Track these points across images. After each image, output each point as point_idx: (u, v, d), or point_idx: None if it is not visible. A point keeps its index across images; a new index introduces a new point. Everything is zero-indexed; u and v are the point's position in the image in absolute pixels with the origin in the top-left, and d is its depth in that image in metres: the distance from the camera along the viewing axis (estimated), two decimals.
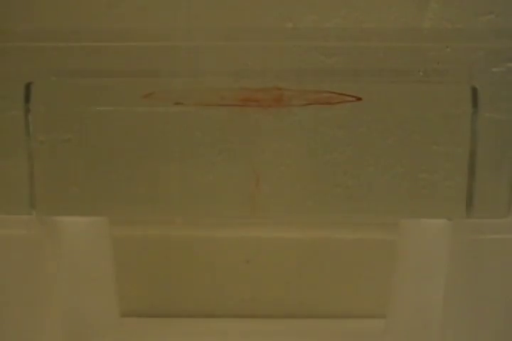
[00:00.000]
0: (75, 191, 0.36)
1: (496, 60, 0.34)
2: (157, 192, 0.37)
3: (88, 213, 0.38)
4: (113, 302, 0.45)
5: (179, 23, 0.51)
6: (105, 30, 0.33)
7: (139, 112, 0.36)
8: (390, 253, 0.46)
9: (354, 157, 0.36)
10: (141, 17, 0.47)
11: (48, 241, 0.36)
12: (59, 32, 0.35)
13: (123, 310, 0.46)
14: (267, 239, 0.53)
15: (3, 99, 0.36)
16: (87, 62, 0.35)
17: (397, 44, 0.34)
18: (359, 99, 0.35)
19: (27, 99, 0.35)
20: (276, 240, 0.53)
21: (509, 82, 0.35)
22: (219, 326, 0.50)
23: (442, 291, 0.36)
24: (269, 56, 0.35)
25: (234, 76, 0.35)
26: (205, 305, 0.53)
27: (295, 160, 0.36)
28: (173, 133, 0.36)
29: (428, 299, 0.41)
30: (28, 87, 0.35)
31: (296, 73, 0.36)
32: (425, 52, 0.35)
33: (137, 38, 0.34)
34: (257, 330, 0.49)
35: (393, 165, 0.35)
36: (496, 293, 0.34)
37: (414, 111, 0.35)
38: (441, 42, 0.34)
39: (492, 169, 0.36)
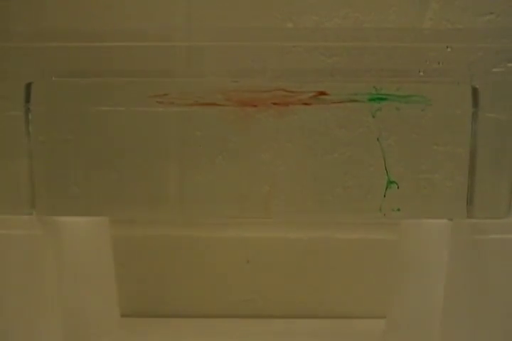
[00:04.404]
0: (75, 191, 0.36)
1: (495, 60, 0.34)
2: (157, 192, 0.37)
3: (88, 213, 0.38)
4: (113, 303, 0.45)
5: (179, 23, 0.51)
6: (105, 30, 0.33)
7: (139, 112, 0.36)
8: (390, 253, 0.46)
9: (354, 157, 0.36)
10: (141, 17, 0.47)
11: (48, 241, 0.36)
12: (59, 32, 0.35)
13: (123, 310, 0.46)
14: (267, 239, 0.53)
15: (3, 99, 0.36)
16: (87, 62, 0.35)
17: (397, 44, 0.34)
18: (355, 101, 0.35)
19: (27, 99, 0.35)
20: (276, 240, 0.53)
21: (509, 82, 0.35)
22: (219, 326, 0.50)
23: (442, 291, 0.36)
24: (269, 56, 0.35)
25: (234, 76, 0.35)
26: (205, 305, 0.53)
27: (295, 160, 0.36)
28: (173, 133, 0.36)
29: (428, 299, 0.41)
30: (28, 87, 0.35)
31: (296, 73, 0.36)
32: (425, 52, 0.35)
33: (137, 38, 0.34)
34: (257, 330, 0.49)
35: (393, 165, 0.35)
36: (496, 292, 0.34)
37: (414, 111, 0.35)
38: (441, 43, 0.34)
39: (492, 169, 0.36)
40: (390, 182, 0.35)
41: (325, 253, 0.53)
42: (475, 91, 0.35)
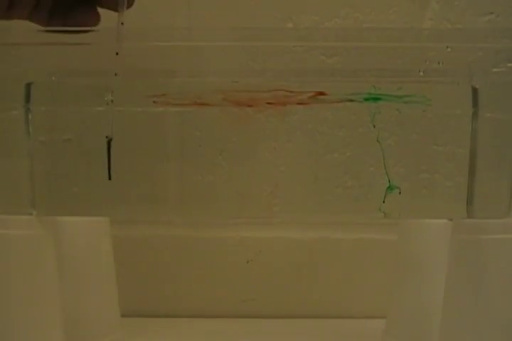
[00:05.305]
0: (75, 191, 0.36)
1: (495, 60, 0.34)
2: (157, 192, 0.37)
3: (88, 213, 0.38)
4: (113, 303, 0.45)
5: (179, 23, 0.51)
6: (105, 30, 0.33)
7: (139, 112, 0.36)
8: (390, 253, 0.46)
9: (354, 157, 0.36)
10: (141, 17, 0.47)
11: (48, 241, 0.36)
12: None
13: (123, 310, 0.46)
14: (267, 239, 0.53)
15: (3, 99, 0.36)
16: (87, 62, 0.35)
17: (397, 44, 0.34)
18: (352, 100, 0.35)
19: (27, 99, 0.35)
20: (276, 240, 0.53)
21: (509, 82, 0.35)
22: (219, 326, 0.50)
23: (442, 291, 0.36)
24: (269, 56, 0.35)
25: (234, 76, 0.35)
26: (205, 305, 0.53)
27: (295, 160, 0.36)
28: (173, 133, 0.36)
29: (428, 299, 0.41)
30: (28, 87, 0.35)
31: (296, 73, 0.36)
32: (425, 52, 0.35)
33: (137, 38, 0.34)
34: (257, 330, 0.49)
35: (393, 165, 0.35)
36: (496, 292, 0.34)
37: (414, 111, 0.35)
38: (441, 43, 0.34)
39: (492, 169, 0.36)
40: (391, 188, 0.35)
41: (325, 253, 0.53)
42: (475, 92, 0.35)
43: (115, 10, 0.33)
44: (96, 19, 0.34)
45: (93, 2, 0.33)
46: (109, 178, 0.35)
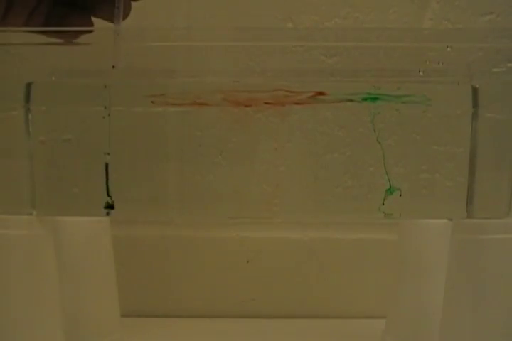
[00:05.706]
0: (75, 191, 0.36)
1: (495, 60, 0.34)
2: (157, 192, 0.37)
3: (88, 213, 0.38)
4: (113, 303, 0.45)
5: (178, 23, 0.51)
6: (105, 30, 0.33)
7: (139, 112, 0.36)
8: (390, 253, 0.46)
9: (354, 157, 0.36)
10: (141, 17, 0.47)
11: (48, 241, 0.36)
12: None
13: (123, 310, 0.46)
14: (267, 239, 0.53)
15: (3, 99, 0.36)
16: (87, 62, 0.35)
17: (397, 44, 0.34)
18: (351, 100, 0.35)
19: (27, 99, 0.35)
20: (276, 240, 0.53)
21: (509, 82, 0.35)
22: (219, 326, 0.50)
23: (442, 291, 0.36)
24: (269, 56, 0.35)
25: (234, 76, 0.35)
26: (205, 305, 0.53)
27: (295, 161, 0.36)
28: (173, 133, 0.36)
29: (428, 299, 0.41)
30: (28, 87, 0.35)
31: (296, 73, 0.36)
32: (425, 52, 0.35)
33: (137, 37, 0.34)
34: (257, 330, 0.49)
35: (393, 165, 0.35)
36: (496, 292, 0.34)
37: (414, 111, 0.35)
38: (441, 42, 0.34)
39: (492, 169, 0.36)
40: (391, 190, 0.35)
41: (325, 253, 0.53)
42: (475, 92, 0.35)
43: (110, 21, 0.32)
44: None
45: (88, 12, 0.33)
46: (110, 206, 0.35)
